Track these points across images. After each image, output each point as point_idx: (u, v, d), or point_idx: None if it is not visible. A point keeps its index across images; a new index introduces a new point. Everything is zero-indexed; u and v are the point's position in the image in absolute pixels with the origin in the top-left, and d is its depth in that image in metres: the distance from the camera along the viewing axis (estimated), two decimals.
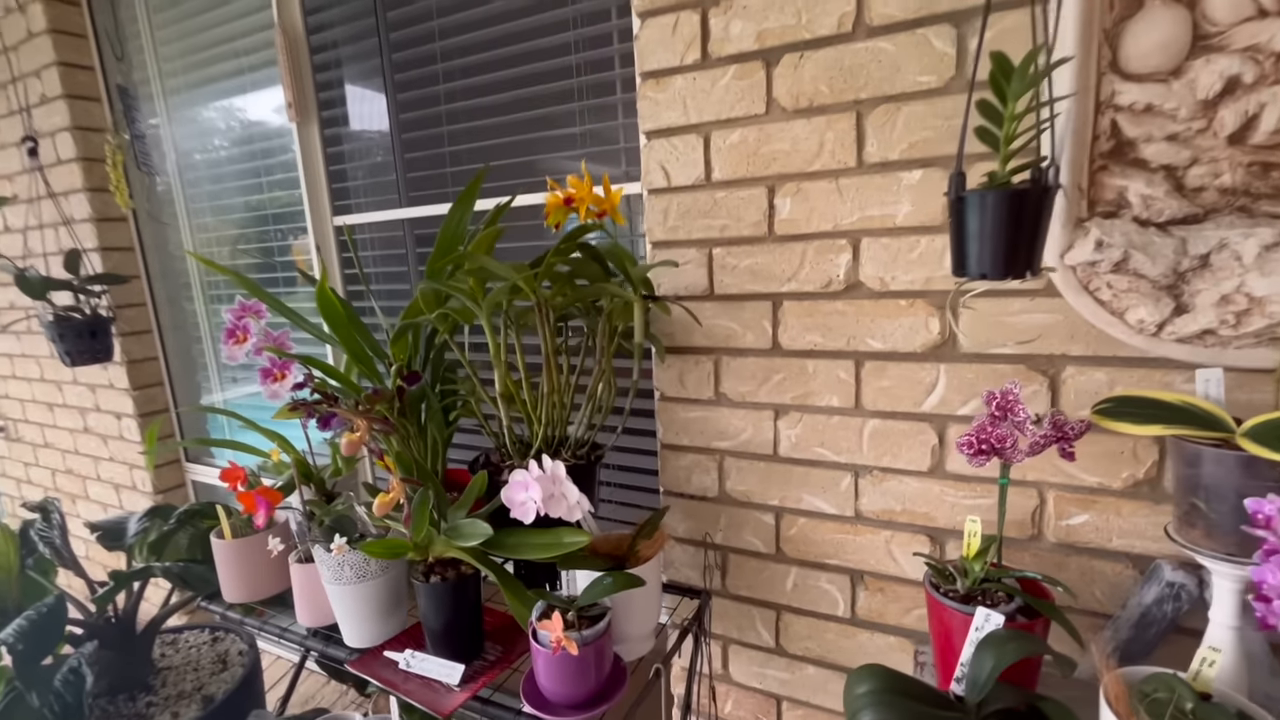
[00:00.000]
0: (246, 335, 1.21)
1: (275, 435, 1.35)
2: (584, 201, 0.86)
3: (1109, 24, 0.75)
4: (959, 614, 0.79)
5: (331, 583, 1.03)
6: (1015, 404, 0.74)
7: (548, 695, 0.88)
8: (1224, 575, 0.70)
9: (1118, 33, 0.74)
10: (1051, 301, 0.88)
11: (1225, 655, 0.70)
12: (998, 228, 0.64)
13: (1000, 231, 0.64)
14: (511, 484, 0.86)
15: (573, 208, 0.88)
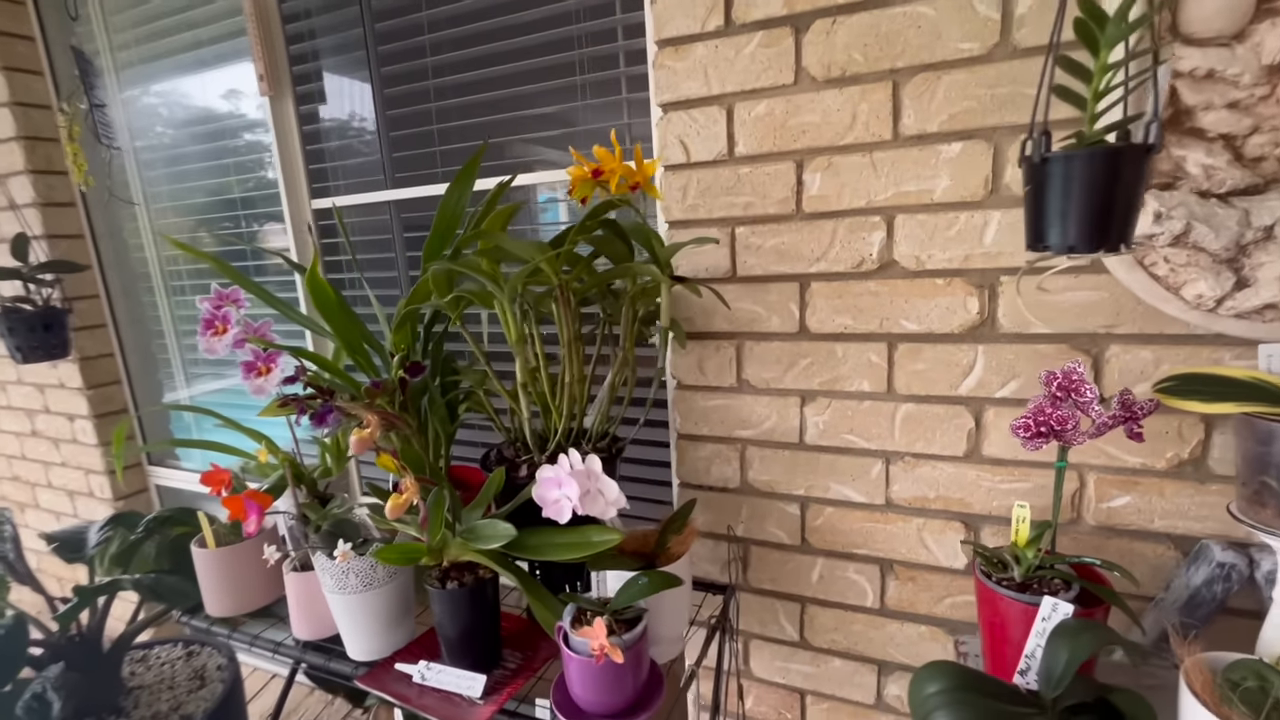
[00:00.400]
0: (227, 326, 1.12)
1: (257, 434, 1.25)
2: (615, 174, 0.80)
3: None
4: (1016, 603, 0.76)
5: (335, 592, 0.94)
6: (1081, 384, 0.71)
7: (582, 705, 0.82)
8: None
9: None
10: (1097, 278, 0.85)
11: None
12: (1091, 193, 0.60)
13: (1094, 197, 0.60)
14: (542, 481, 0.79)
15: (601, 180, 0.81)
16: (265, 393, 1.12)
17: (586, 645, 0.78)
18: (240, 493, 1.08)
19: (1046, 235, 0.64)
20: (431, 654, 0.97)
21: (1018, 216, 0.87)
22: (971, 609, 1.01)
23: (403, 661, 0.95)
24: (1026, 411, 0.76)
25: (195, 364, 2.03)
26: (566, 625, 0.82)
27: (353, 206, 1.56)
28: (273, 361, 1.12)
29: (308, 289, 1.02)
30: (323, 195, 1.60)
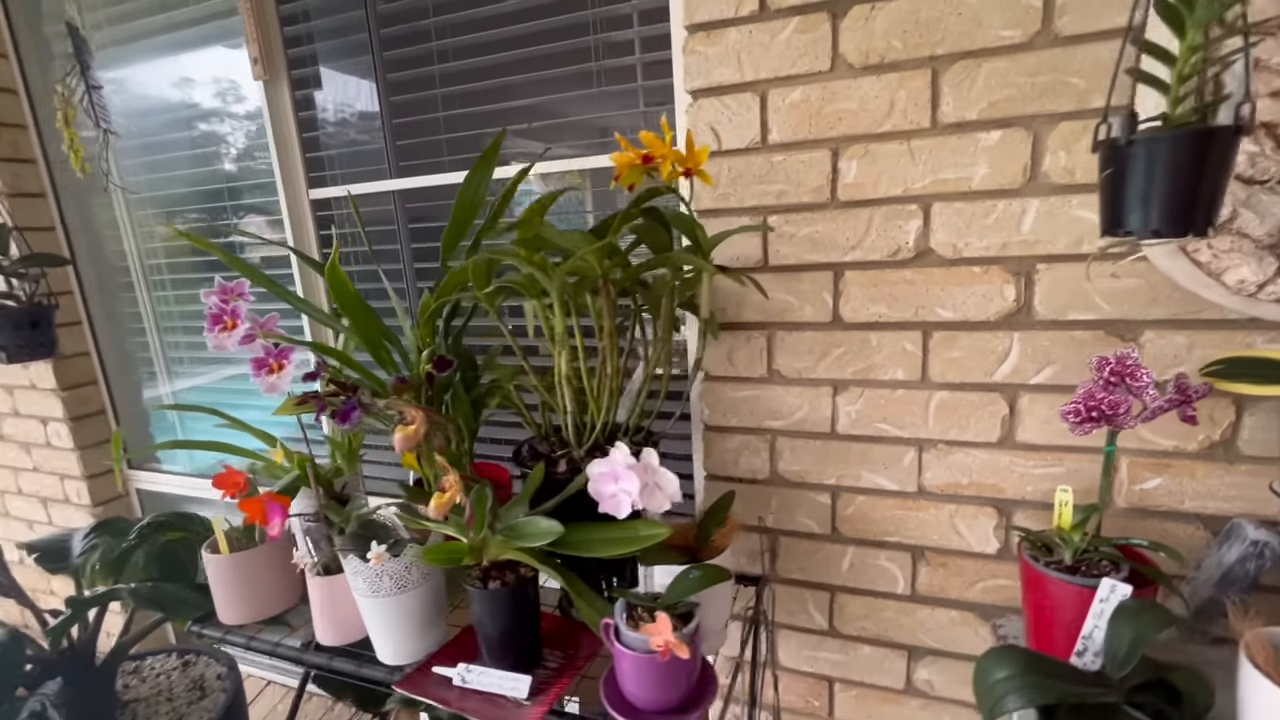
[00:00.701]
0: (236, 321, 1.06)
1: (266, 435, 1.20)
2: (666, 159, 0.77)
3: None
4: (1068, 585, 0.77)
5: (368, 596, 0.91)
6: (1136, 368, 0.71)
7: (636, 701, 0.81)
8: None
9: None
10: (1134, 265, 0.86)
11: None
12: (1179, 175, 0.60)
13: (1182, 180, 0.60)
14: (598, 476, 0.77)
15: (652, 166, 0.79)
16: (278, 391, 1.07)
17: (642, 641, 0.77)
18: (255, 495, 1.03)
19: (1126, 219, 0.64)
20: (468, 655, 0.94)
21: (1056, 204, 0.88)
22: (1003, 592, 1.03)
23: (439, 664, 0.92)
24: (1076, 397, 0.77)
25: (180, 361, 1.95)
26: (619, 621, 0.80)
27: (357, 196, 1.51)
28: (285, 358, 1.07)
29: (328, 282, 0.97)
30: (320, 185, 1.53)
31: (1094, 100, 0.84)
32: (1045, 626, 0.82)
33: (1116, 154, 0.66)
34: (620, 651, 0.80)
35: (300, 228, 1.54)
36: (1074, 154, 0.86)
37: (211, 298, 1.07)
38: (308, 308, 1.07)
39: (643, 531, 0.86)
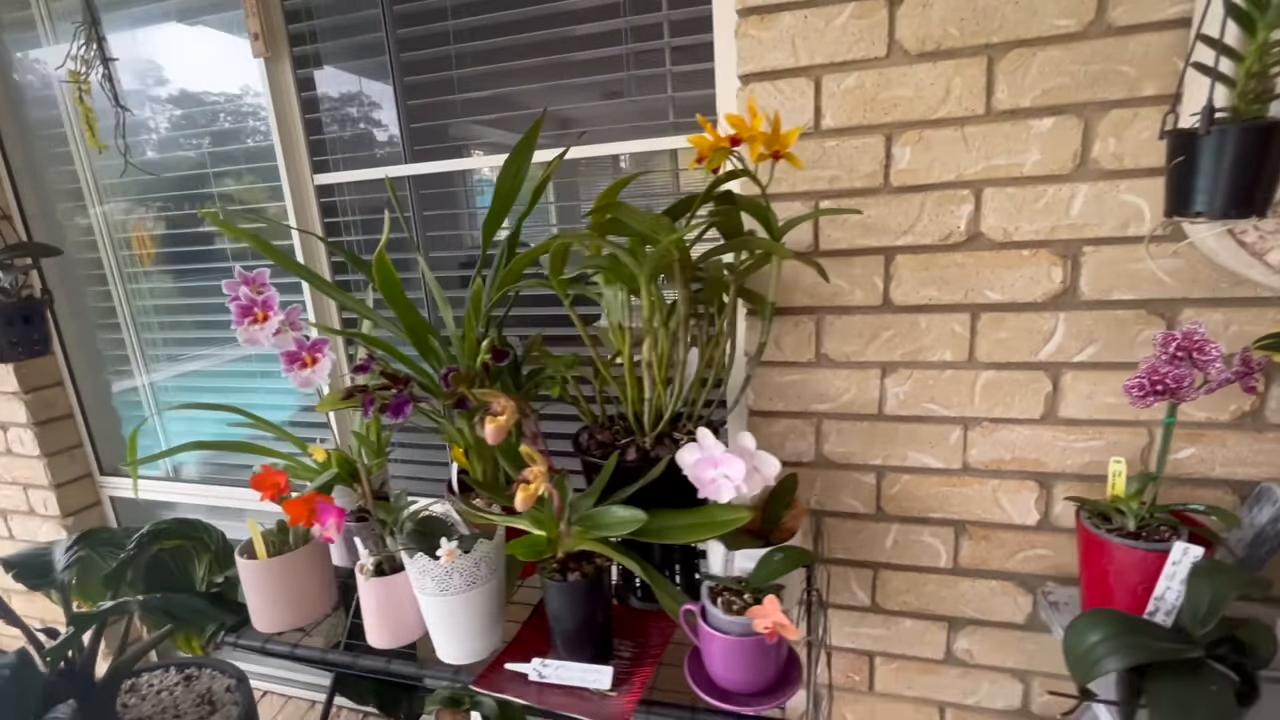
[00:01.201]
0: (268, 313, 1.01)
1: (280, 431, 1.14)
2: (756, 141, 0.77)
3: None
4: (1134, 551, 0.81)
5: (435, 595, 0.88)
6: (1204, 343, 0.76)
7: (726, 685, 0.81)
8: None
9: None
10: (1176, 246, 0.91)
11: None
12: (1248, 164, 0.64)
13: (1252, 167, 0.64)
14: (698, 461, 0.77)
15: (736, 149, 0.78)
16: (312, 386, 1.02)
17: (738, 624, 0.77)
18: (297, 496, 0.99)
19: (1196, 202, 0.68)
20: (536, 649, 0.92)
21: (1104, 189, 0.92)
22: (1042, 561, 1.08)
23: (510, 660, 0.91)
24: (1139, 371, 0.81)
25: (157, 359, 1.82)
26: (710, 605, 0.80)
27: (361, 183, 1.44)
28: (319, 351, 1.02)
29: (375, 271, 0.93)
30: (324, 170, 1.46)
31: (1145, 89, 0.88)
32: (1105, 590, 0.87)
33: (1189, 143, 0.69)
34: (710, 635, 0.80)
35: (304, 214, 1.47)
36: (1123, 140, 0.90)
37: (240, 288, 1.01)
38: (349, 300, 1.02)
39: (720, 516, 0.86)
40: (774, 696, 0.80)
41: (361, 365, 0.96)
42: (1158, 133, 0.76)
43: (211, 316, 1.71)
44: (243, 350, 1.75)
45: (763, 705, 0.79)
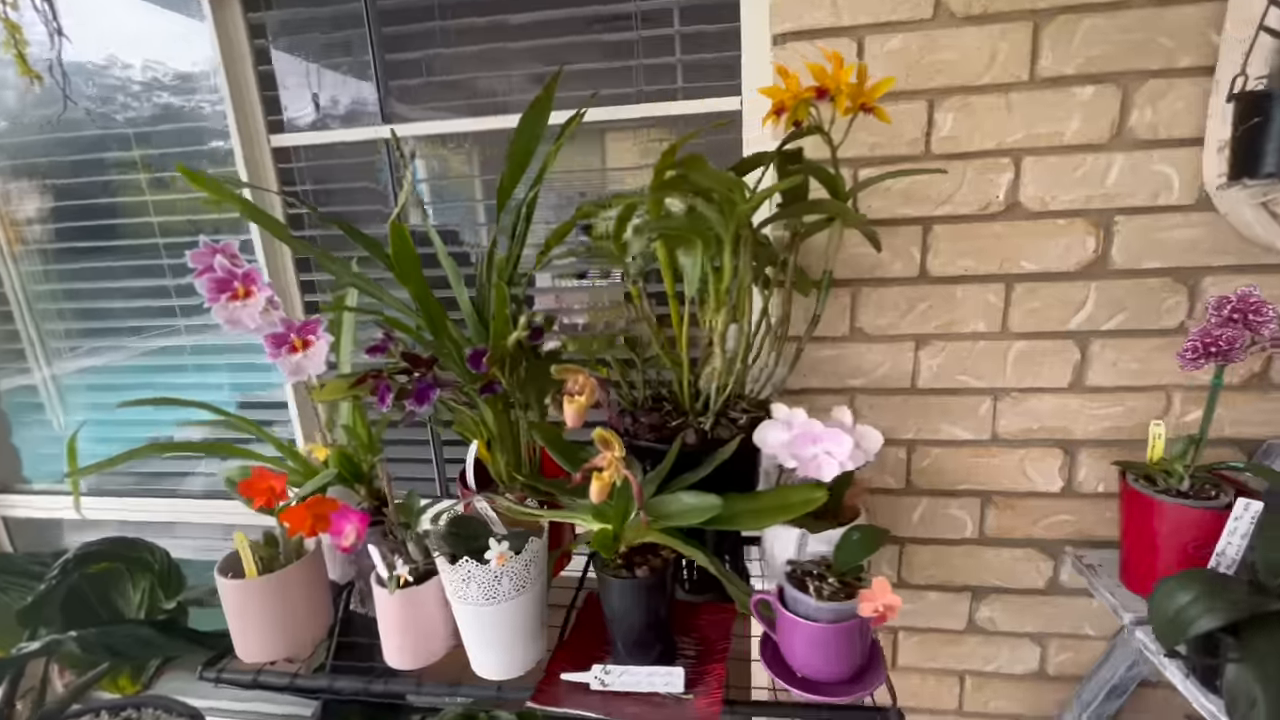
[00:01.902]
0: (251, 288, 0.85)
1: (258, 429, 0.98)
2: (843, 93, 0.71)
3: None
4: (1190, 510, 0.83)
5: (481, 603, 0.78)
6: (1261, 305, 0.78)
7: (811, 674, 0.77)
8: None
9: None
10: (1203, 216, 0.94)
11: None
12: None
13: None
14: (796, 438, 0.71)
15: (823, 100, 0.72)
16: (304, 373, 0.88)
17: (829, 610, 0.73)
18: (297, 502, 0.85)
19: (1264, 165, 0.69)
20: (589, 655, 0.84)
21: (1139, 159, 0.94)
22: (1065, 527, 1.11)
23: (563, 669, 0.82)
24: (1192, 335, 0.83)
25: (60, 352, 1.55)
26: (796, 591, 0.75)
27: (326, 146, 1.27)
28: (311, 333, 0.88)
29: (392, 240, 0.80)
30: (279, 130, 1.28)
31: (1180, 60, 0.90)
32: (1152, 550, 0.89)
33: (1264, 104, 0.70)
34: (795, 623, 0.75)
35: (261, 178, 1.28)
36: (1159, 111, 0.92)
37: (215, 257, 0.85)
38: (346, 273, 0.88)
39: (794, 498, 0.81)
40: (862, 684, 0.76)
41: (378, 345, 0.83)
42: (1190, 104, 0.77)
43: (130, 303, 1.47)
44: (165, 339, 1.52)
45: (854, 693, 0.75)
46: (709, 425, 0.86)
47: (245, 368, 1.49)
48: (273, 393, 1.48)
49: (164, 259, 1.44)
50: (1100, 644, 1.16)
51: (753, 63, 1.08)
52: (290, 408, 1.38)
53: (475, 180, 1.30)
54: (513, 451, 0.97)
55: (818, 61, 0.94)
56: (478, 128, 1.21)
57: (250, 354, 1.46)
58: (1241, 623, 0.69)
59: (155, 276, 1.44)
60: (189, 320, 1.48)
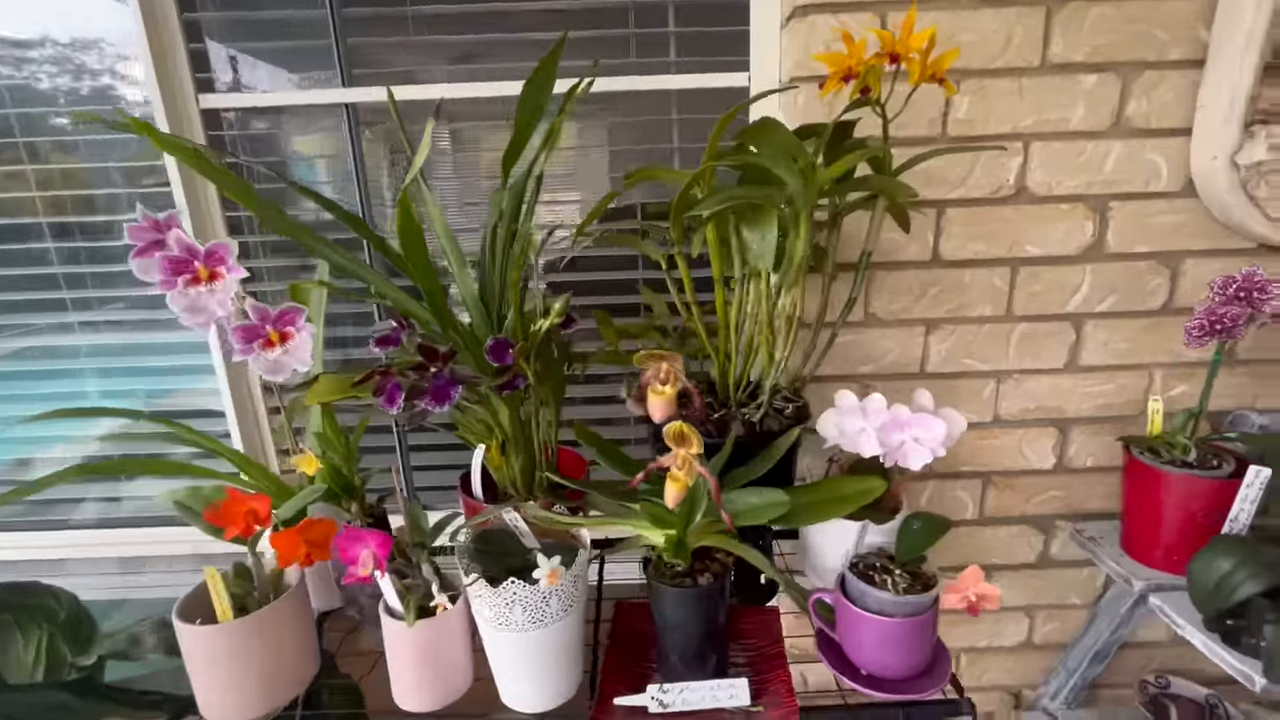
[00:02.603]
0: (218, 271, 0.71)
1: (214, 444, 0.82)
2: (915, 60, 0.67)
3: None
4: (1202, 480, 0.88)
5: (526, 629, 0.68)
6: (1266, 283, 0.83)
7: (878, 671, 0.73)
8: None
9: None
10: (1185, 202, 1.00)
11: None
12: None
13: None
14: (885, 425, 0.66)
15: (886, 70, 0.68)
16: (284, 372, 0.75)
17: (905, 604, 0.70)
18: (287, 526, 0.72)
19: None
20: (634, 674, 0.76)
21: (1134, 147, 0.98)
22: (1055, 503, 1.15)
23: (613, 694, 0.73)
24: (1198, 314, 0.87)
25: None
26: (865, 586, 0.71)
27: (272, 110, 1.10)
28: (292, 323, 0.74)
29: (399, 216, 0.68)
30: (210, 90, 1.08)
31: (1171, 53, 0.94)
32: (1157, 519, 0.93)
33: None
34: (863, 618, 0.71)
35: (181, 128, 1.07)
36: (1152, 101, 0.96)
37: (171, 232, 0.69)
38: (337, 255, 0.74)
39: (851, 489, 0.77)
40: (934, 677, 0.74)
41: (388, 337, 0.71)
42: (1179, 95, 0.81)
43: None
44: (44, 338, 1.26)
45: (929, 688, 0.73)
46: (758, 417, 0.80)
47: (157, 371, 1.26)
48: (189, 397, 1.26)
49: (49, 242, 1.19)
50: (1083, 613, 1.22)
51: (762, 37, 1.04)
52: (228, 415, 1.19)
53: (449, 157, 1.17)
54: (526, 454, 0.87)
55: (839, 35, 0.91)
56: (459, 94, 1.09)
57: (169, 355, 1.24)
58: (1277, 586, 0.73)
59: (38, 264, 1.19)
60: (83, 315, 1.24)
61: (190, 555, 1.26)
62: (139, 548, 1.30)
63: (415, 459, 1.28)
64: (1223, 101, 0.91)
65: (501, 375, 0.75)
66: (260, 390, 1.21)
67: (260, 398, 1.21)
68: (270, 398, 1.21)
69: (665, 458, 0.64)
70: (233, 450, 0.84)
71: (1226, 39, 0.90)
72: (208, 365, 1.19)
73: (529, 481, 0.89)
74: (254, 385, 1.21)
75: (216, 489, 0.82)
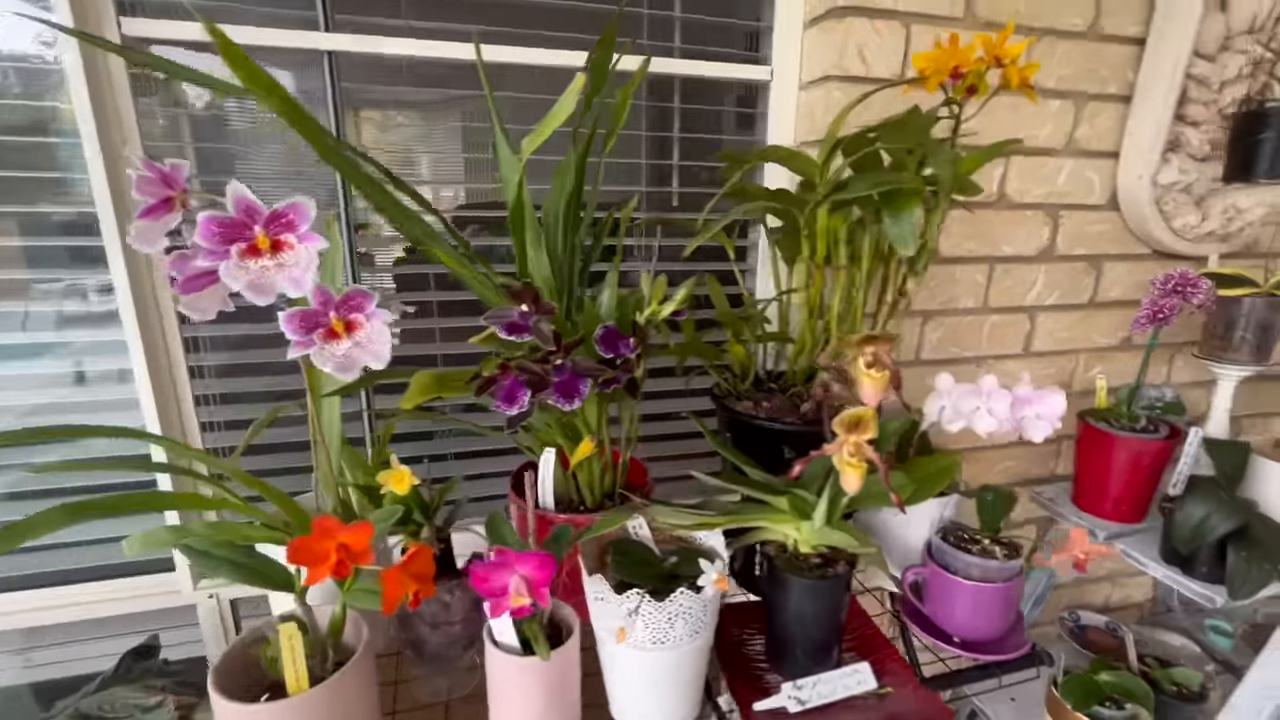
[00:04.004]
0: (283, 240, 0.56)
1: (231, 469, 0.65)
2: (1011, 66, 0.73)
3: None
4: (1152, 442, 1.05)
5: (684, 642, 0.62)
6: (1198, 280, 1.02)
7: (969, 635, 0.78)
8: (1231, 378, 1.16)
9: None
10: (1108, 214, 1.21)
11: None
12: None
13: None
14: (1014, 402, 0.70)
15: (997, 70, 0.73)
16: (356, 368, 0.61)
17: (1004, 570, 0.75)
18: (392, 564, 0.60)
19: (1256, 169, 0.91)
20: (751, 680, 0.74)
21: (1080, 165, 1.16)
22: (1010, 472, 1.32)
23: (749, 701, 0.70)
24: (1145, 306, 1.05)
25: None
26: (963, 554, 0.76)
27: None
28: (360, 309, 0.61)
29: (514, 192, 0.59)
30: (140, 13, 0.84)
31: (1109, 88, 1.13)
32: (1105, 477, 1.10)
33: (1256, 122, 0.93)
34: (961, 585, 0.76)
35: (101, 85, 0.82)
36: (1094, 126, 1.14)
37: (231, 186, 0.53)
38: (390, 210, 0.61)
39: (933, 468, 0.81)
40: (1016, 637, 0.81)
41: (518, 322, 0.60)
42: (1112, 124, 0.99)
43: None
44: None
45: (1013, 649, 0.79)
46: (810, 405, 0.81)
47: None
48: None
49: None
50: None
51: (786, 33, 1.06)
52: (145, 410, 0.91)
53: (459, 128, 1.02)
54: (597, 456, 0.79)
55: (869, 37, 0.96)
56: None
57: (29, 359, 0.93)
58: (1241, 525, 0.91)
59: None
60: None
61: (87, 620, 0.96)
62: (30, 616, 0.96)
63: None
64: (1148, 132, 1.11)
65: (617, 368, 0.67)
66: (181, 352, 0.93)
67: (181, 360, 0.94)
68: (191, 356, 0.95)
69: (829, 446, 0.63)
70: (248, 474, 0.65)
71: (1152, 84, 1.10)
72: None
73: (600, 489, 0.81)
74: (173, 347, 0.93)
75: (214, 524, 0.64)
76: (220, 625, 1.07)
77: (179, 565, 1.00)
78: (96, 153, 0.81)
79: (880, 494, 0.75)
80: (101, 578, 0.96)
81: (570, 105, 0.61)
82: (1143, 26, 1.11)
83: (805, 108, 1.07)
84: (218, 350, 0.97)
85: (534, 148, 0.62)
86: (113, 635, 1.00)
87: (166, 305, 0.91)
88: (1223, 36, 1.09)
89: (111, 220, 0.83)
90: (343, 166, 0.56)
